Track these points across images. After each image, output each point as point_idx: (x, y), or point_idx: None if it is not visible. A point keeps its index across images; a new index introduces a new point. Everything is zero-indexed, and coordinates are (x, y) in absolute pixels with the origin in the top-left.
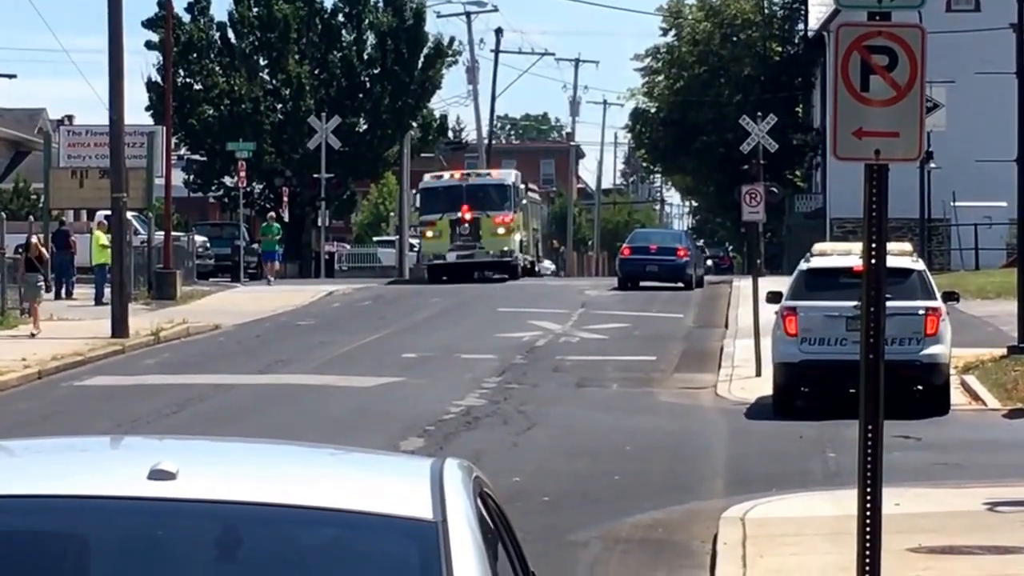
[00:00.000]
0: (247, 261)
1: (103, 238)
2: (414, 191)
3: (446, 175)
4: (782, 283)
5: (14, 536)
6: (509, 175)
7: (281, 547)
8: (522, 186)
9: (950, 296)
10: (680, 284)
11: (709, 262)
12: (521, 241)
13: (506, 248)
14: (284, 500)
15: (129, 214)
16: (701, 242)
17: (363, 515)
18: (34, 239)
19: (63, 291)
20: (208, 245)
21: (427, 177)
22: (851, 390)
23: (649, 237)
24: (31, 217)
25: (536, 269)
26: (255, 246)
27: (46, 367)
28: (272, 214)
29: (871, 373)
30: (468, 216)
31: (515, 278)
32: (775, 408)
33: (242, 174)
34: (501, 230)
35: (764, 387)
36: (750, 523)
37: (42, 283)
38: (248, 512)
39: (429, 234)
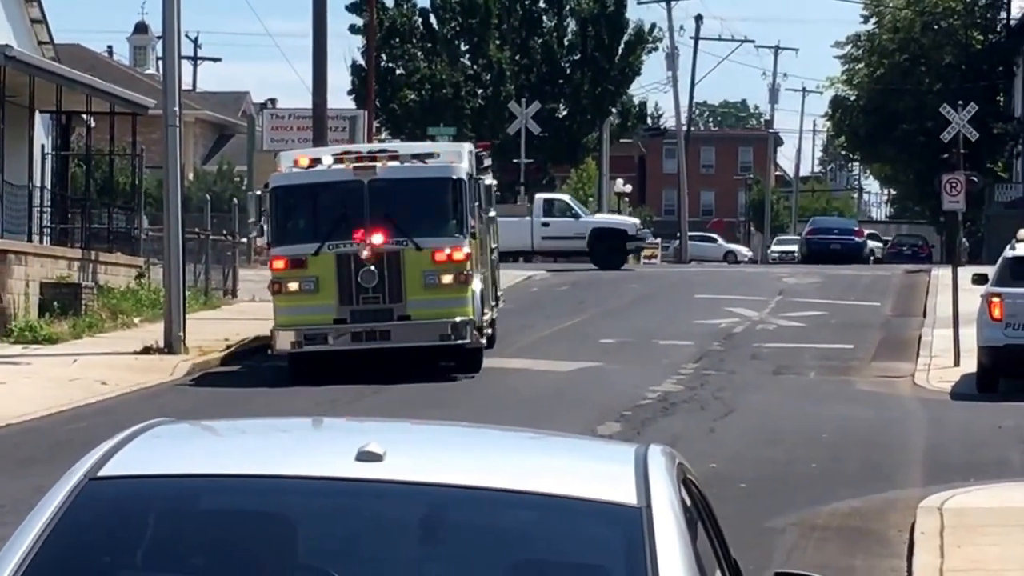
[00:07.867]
0: None
1: None
2: (257, 191)
3: (327, 157)
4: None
5: (223, 515)
6: (459, 154)
7: (485, 529)
8: (486, 179)
9: None
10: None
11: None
12: (483, 290)
13: (460, 318)
14: (489, 483)
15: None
16: (904, 229)
17: (568, 499)
18: None
19: None
20: None
21: (285, 164)
22: None
23: (826, 223)
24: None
25: (492, 334)
26: None
27: (247, 347)
28: None
29: None
30: (369, 250)
31: (475, 369)
32: (978, 388)
33: None
34: (447, 277)
35: (962, 377)
36: (948, 513)
37: None
38: (454, 494)
39: (292, 286)
